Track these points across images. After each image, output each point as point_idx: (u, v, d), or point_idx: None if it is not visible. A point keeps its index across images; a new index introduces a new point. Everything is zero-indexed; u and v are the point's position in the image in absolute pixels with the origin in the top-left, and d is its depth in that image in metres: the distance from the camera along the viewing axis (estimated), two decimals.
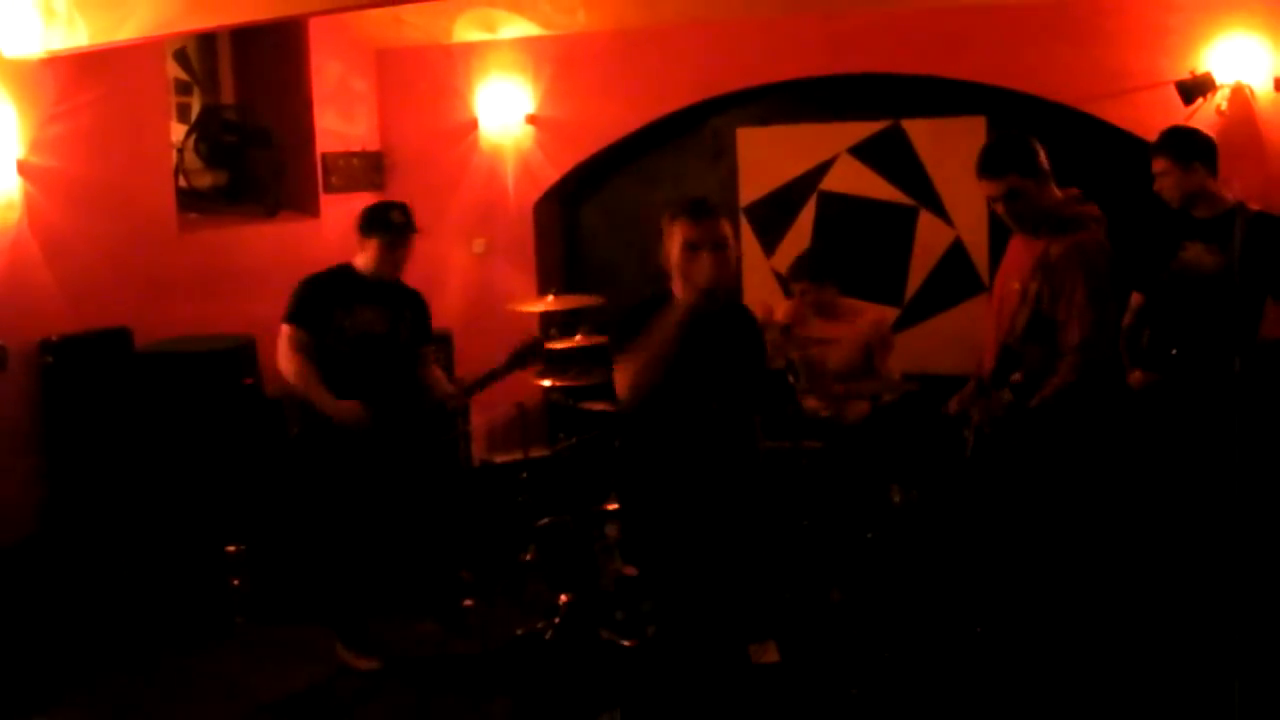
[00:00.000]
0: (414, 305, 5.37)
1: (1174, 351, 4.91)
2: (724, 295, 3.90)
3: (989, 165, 4.42)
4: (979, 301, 6.74)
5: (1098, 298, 4.33)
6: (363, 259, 5.21)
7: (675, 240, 3.82)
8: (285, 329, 5.10)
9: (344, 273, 5.23)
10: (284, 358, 5.08)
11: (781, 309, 6.35)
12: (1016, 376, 4.31)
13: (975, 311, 6.59)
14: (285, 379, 5.13)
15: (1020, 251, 4.58)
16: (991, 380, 4.53)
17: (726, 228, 3.84)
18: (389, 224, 5.15)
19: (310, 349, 5.07)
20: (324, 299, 5.13)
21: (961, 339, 6.45)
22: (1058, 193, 4.47)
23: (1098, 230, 4.46)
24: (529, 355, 5.22)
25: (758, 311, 4.88)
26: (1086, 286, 4.31)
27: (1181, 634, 4.70)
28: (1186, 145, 4.92)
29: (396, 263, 5.22)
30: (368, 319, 5.16)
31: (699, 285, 3.77)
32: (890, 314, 6.78)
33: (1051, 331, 4.34)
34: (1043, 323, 4.35)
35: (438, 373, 5.44)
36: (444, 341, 5.33)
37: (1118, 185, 6.29)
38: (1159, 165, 4.94)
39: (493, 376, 5.24)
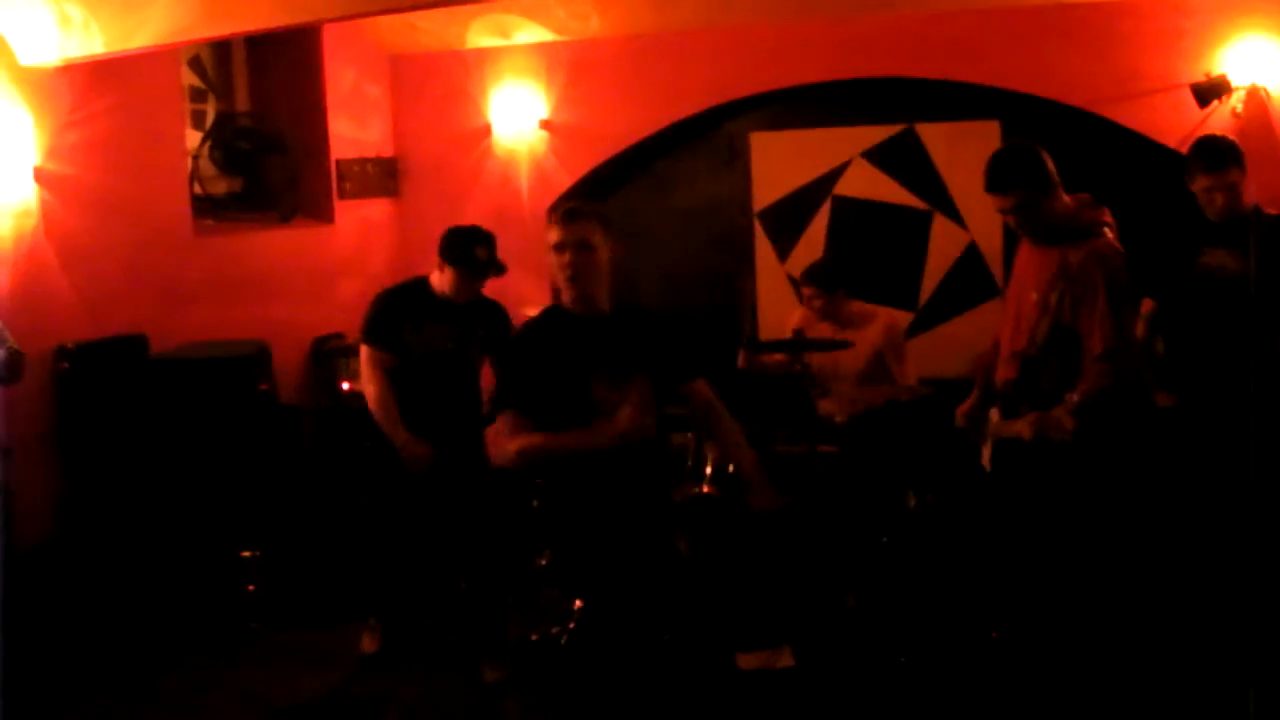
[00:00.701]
0: (489, 319, 5.30)
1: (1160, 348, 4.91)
2: (597, 304, 4.15)
3: (995, 181, 4.41)
4: (994, 305, 6.73)
5: (1118, 304, 4.33)
6: (439, 280, 5.20)
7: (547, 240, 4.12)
8: (363, 349, 5.15)
9: (418, 288, 5.22)
10: (365, 379, 5.14)
11: (796, 315, 6.35)
12: (1074, 397, 4.24)
13: (990, 315, 6.56)
14: (365, 399, 5.17)
15: (1035, 260, 4.56)
16: (1015, 392, 4.54)
17: (594, 226, 4.09)
18: (472, 261, 5.12)
19: (390, 368, 5.09)
20: (396, 315, 5.13)
21: (976, 343, 6.38)
22: (1068, 199, 4.46)
23: (1112, 235, 4.45)
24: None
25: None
26: (1108, 293, 4.30)
27: (1198, 643, 4.67)
28: (1239, 153, 4.88)
29: (474, 292, 5.22)
30: (436, 335, 5.15)
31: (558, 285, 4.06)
32: (902, 317, 6.78)
33: (1072, 341, 4.33)
34: (1063, 333, 4.34)
35: None
36: None
37: (1132, 189, 6.30)
38: (1233, 177, 4.83)
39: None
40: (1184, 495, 4.85)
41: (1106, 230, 4.45)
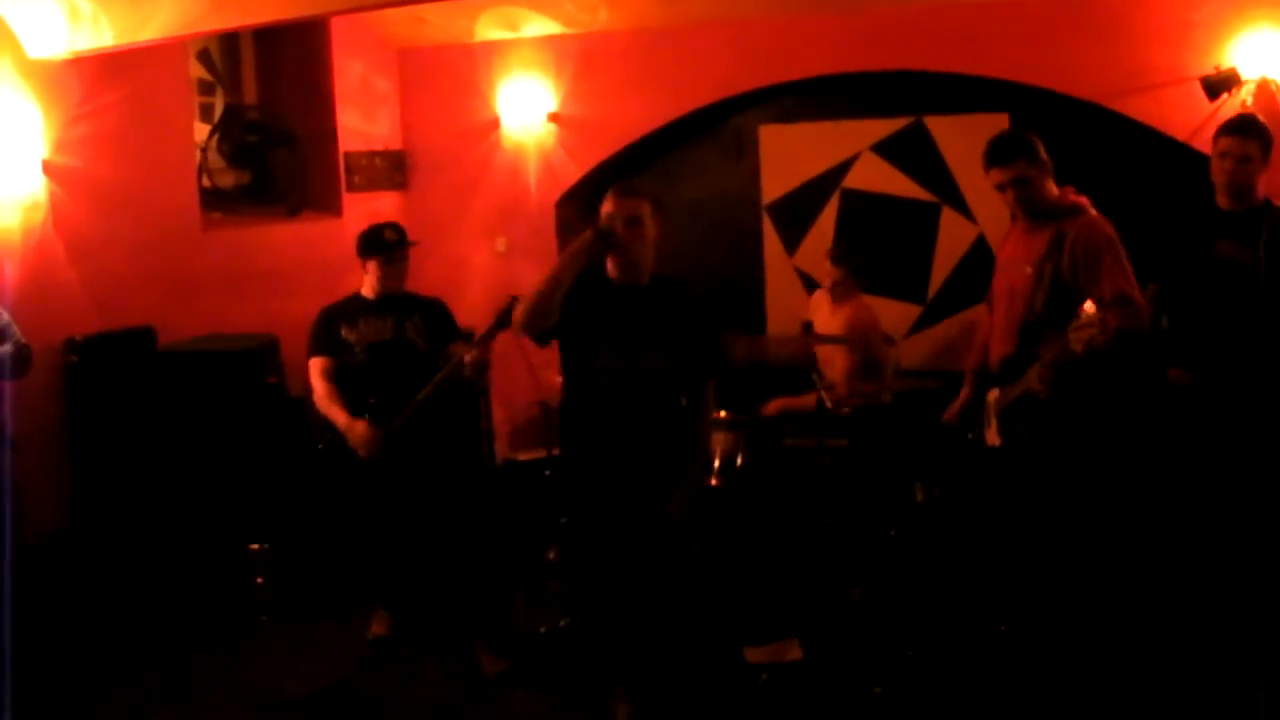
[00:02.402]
0: (425, 310, 5.46)
1: (1165, 323, 4.96)
2: (639, 275, 4.35)
3: (998, 154, 4.71)
4: None
5: (1121, 261, 4.53)
6: (367, 284, 5.43)
7: (601, 213, 4.33)
8: (309, 363, 5.37)
9: (352, 298, 5.45)
10: (312, 386, 5.34)
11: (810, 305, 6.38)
12: (1087, 308, 4.18)
13: None
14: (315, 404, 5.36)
15: (1025, 241, 4.76)
16: (1014, 360, 4.67)
17: (644, 204, 4.34)
18: (383, 243, 5.37)
19: (332, 372, 5.30)
20: (333, 321, 5.36)
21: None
22: (1054, 187, 4.72)
23: (1096, 214, 4.67)
24: (511, 314, 5.30)
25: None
26: (1110, 252, 4.52)
27: (1207, 635, 4.67)
28: (1270, 138, 4.88)
29: (397, 277, 5.40)
30: (374, 328, 5.33)
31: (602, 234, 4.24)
32: (903, 312, 6.79)
33: (1076, 302, 4.37)
34: (1064, 295, 4.48)
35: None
36: (466, 339, 5.39)
37: (1141, 181, 6.30)
38: (1250, 148, 4.82)
39: (488, 335, 5.28)
40: (1200, 475, 4.85)
41: (1091, 209, 4.67)
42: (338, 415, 5.20)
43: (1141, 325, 4.52)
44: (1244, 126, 4.87)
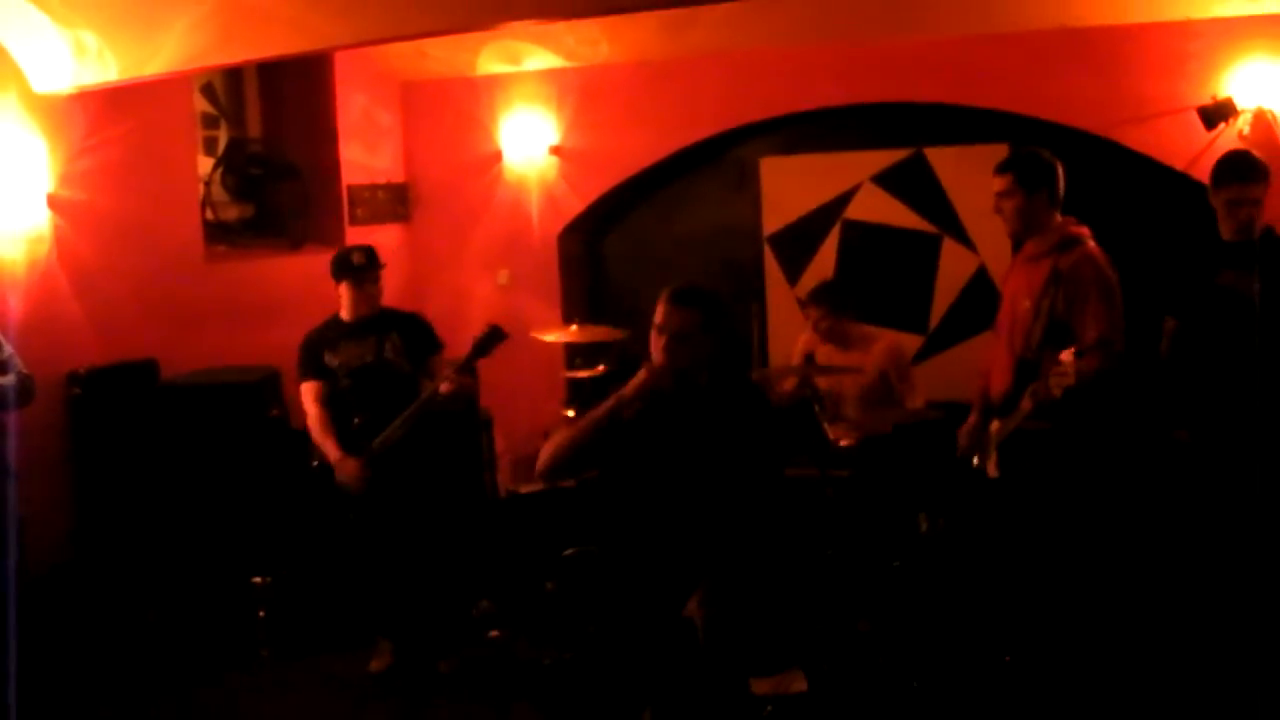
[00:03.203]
0: (402, 327, 5.53)
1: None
2: (693, 378, 3.99)
3: (1009, 163, 4.82)
4: None
5: (1109, 300, 4.58)
6: (343, 306, 5.50)
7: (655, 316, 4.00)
8: (300, 387, 5.48)
9: (332, 321, 5.53)
10: (306, 410, 5.45)
11: (804, 338, 6.35)
12: (1065, 357, 4.28)
13: None
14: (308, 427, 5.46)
15: (1025, 273, 4.80)
16: (1011, 394, 4.68)
17: (697, 318, 3.94)
18: (350, 267, 5.45)
19: (324, 397, 5.41)
20: (316, 347, 5.46)
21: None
22: (1059, 217, 4.76)
23: (1095, 245, 4.71)
24: (490, 343, 5.31)
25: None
26: (1099, 290, 4.57)
27: (1212, 664, 4.65)
28: (1268, 172, 4.87)
29: (369, 299, 5.47)
30: (355, 352, 5.42)
31: (652, 365, 3.91)
32: (909, 341, 6.79)
33: (1068, 338, 4.47)
34: (1059, 330, 4.52)
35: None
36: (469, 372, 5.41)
37: (1140, 212, 6.32)
38: (1259, 192, 4.81)
39: (467, 362, 5.32)
40: (1197, 521, 4.85)
41: (1090, 241, 4.70)
42: (330, 449, 5.30)
43: (1118, 366, 4.55)
44: (1247, 171, 4.83)
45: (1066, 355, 4.22)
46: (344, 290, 5.46)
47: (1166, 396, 4.95)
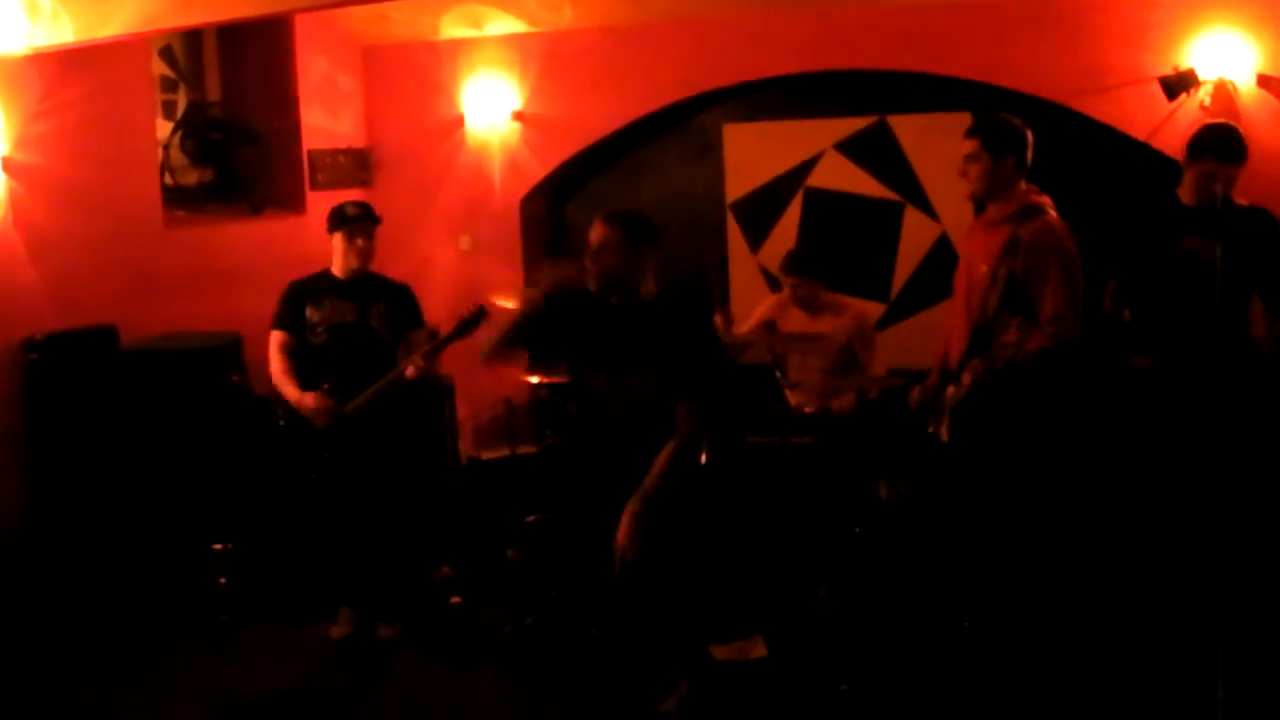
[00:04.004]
0: (391, 296, 5.49)
1: (1127, 315, 5.03)
2: (630, 292, 4.32)
3: (981, 126, 4.82)
4: None
5: (1069, 274, 4.60)
6: (335, 260, 5.45)
7: None
8: (270, 336, 5.42)
9: (321, 275, 5.48)
10: (270, 361, 5.40)
11: (765, 304, 6.37)
12: (1008, 339, 4.42)
13: None
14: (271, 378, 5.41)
15: (983, 239, 4.81)
16: (966, 361, 4.68)
17: (617, 232, 4.31)
18: (344, 217, 5.40)
19: (290, 348, 5.37)
20: (299, 298, 5.41)
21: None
22: (1022, 185, 4.76)
23: (1055, 215, 4.73)
24: (474, 323, 5.31)
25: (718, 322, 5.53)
26: (1060, 264, 4.58)
27: (1170, 627, 4.71)
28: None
29: (361, 254, 5.42)
30: (339, 310, 5.38)
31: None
32: (872, 309, 6.81)
33: (1026, 307, 4.53)
34: (1017, 299, 4.55)
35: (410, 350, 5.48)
36: (431, 337, 5.41)
37: (1101, 181, 6.35)
38: (1236, 171, 4.88)
39: (442, 343, 5.32)
40: (1164, 462, 4.89)
41: (1051, 211, 4.72)
42: (289, 391, 5.29)
43: (1074, 338, 4.60)
44: (1226, 150, 4.90)
45: (1013, 330, 4.30)
46: (336, 241, 5.40)
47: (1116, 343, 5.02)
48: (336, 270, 5.44)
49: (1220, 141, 4.93)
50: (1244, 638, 4.33)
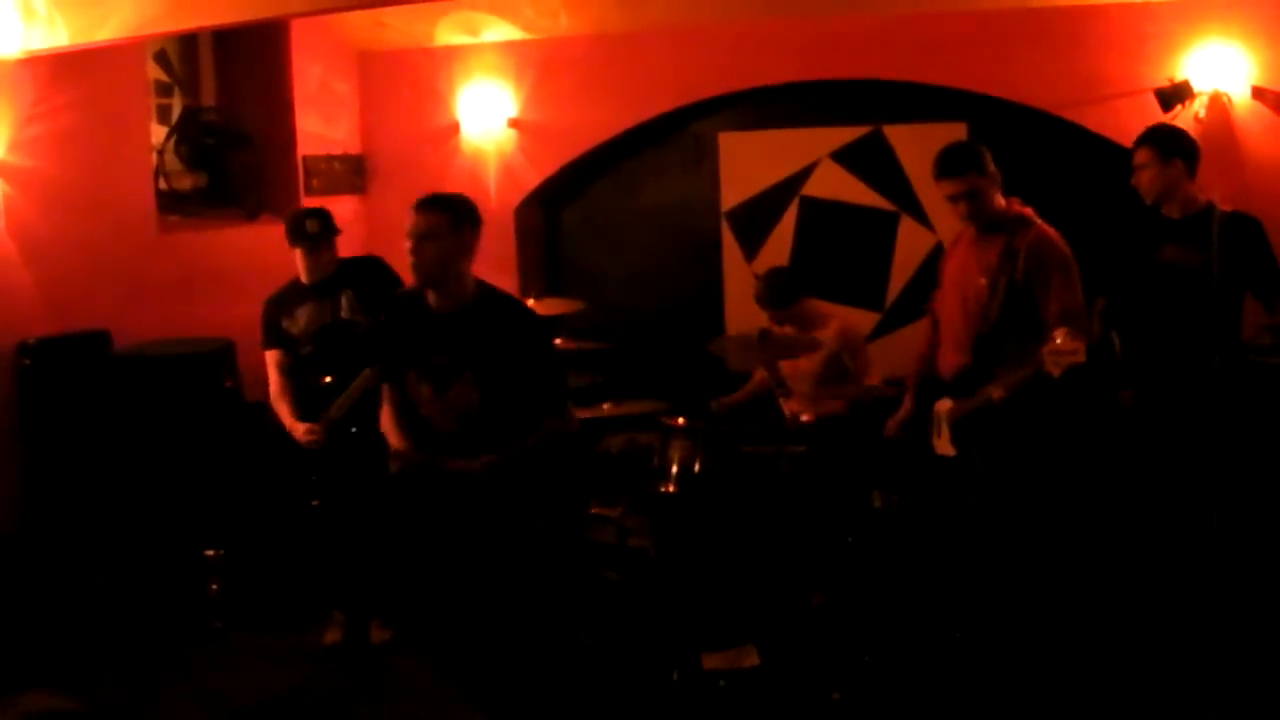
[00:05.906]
0: (354, 278, 5.47)
1: (1116, 342, 5.07)
2: (445, 289, 4.28)
3: (949, 166, 4.75)
4: None
5: (1069, 277, 4.64)
6: (299, 270, 5.48)
7: None
8: (265, 355, 5.46)
9: (291, 285, 5.50)
10: (269, 379, 5.45)
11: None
12: (1056, 339, 4.30)
13: None
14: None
15: (975, 252, 4.84)
16: (969, 372, 4.72)
17: (440, 219, 4.35)
18: (304, 235, 5.39)
19: (286, 366, 5.41)
20: (275, 314, 5.45)
21: None
22: (1001, 198, 4.79)
23: (1043, 223, 4.76)
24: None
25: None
26: (1060, 265, 4.63)
27: (1163, 637, 4.71)
28: (1170, 141, 4.99)
29: (323, 265, 5.43)
30: (311, 316, 5.40)
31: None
32: (867, 319, 6.82)
33: (1030, 311, 4.56)
34: (1020, 304, 4.58)
35: None
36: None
37: (1095, 191, 6.36)
38: (1141, 157, 5.00)
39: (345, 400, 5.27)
40: (1145, 484, 4.92)
41: (1038, 220, 4.75)
42: (283, 414, 5.32)
43: (1090, 336, 4.58)
44: (1140, 138, 5.04)
45: (1062, 334, 4.24)
46: (298, 256, 5.42)
47: (1105, 372, 5.03)
48: (304, 278, 5.45)
49: (1158, 133, 5.03)
50: (1239, 651, 4.34)
